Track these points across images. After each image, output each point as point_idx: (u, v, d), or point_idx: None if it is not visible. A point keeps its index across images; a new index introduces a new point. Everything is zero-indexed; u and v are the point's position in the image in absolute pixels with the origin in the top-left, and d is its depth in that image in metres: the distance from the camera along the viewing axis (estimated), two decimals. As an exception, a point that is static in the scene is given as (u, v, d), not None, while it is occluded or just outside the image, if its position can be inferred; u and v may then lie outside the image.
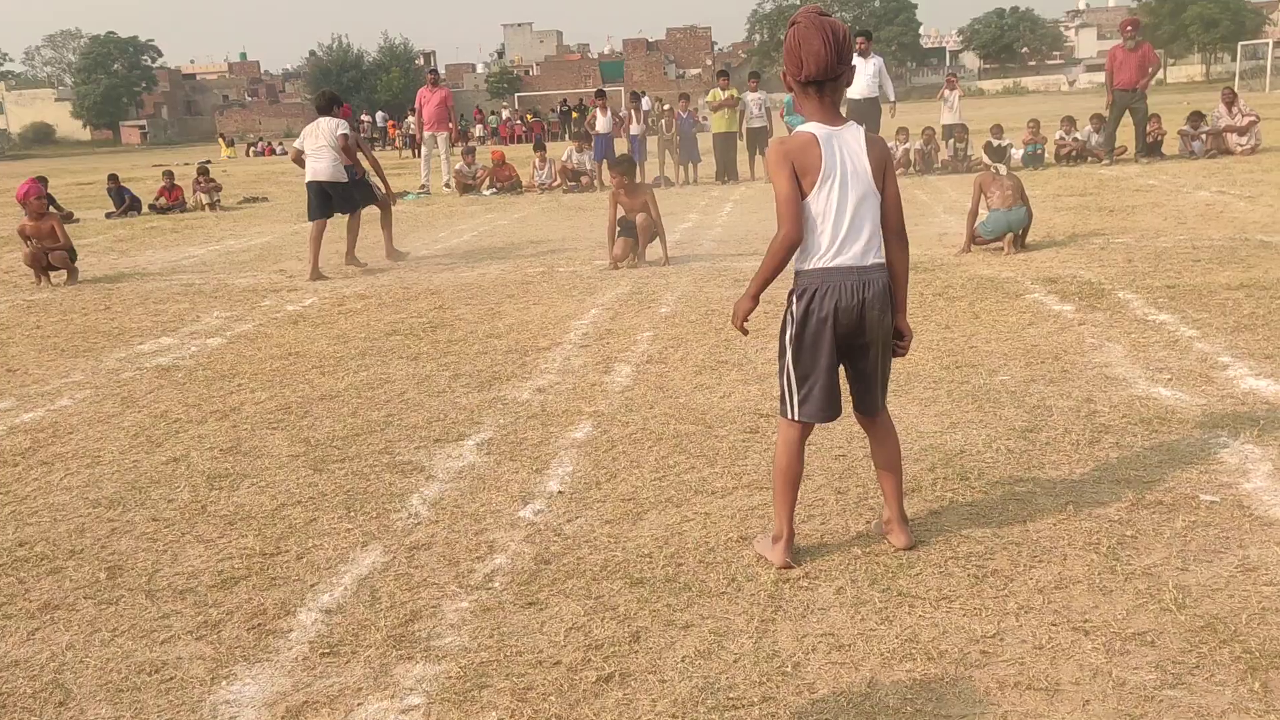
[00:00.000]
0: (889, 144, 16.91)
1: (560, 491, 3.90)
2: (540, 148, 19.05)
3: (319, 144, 9.46)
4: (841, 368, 3.14)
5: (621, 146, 19.33)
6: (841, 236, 2.98)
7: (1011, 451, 4.01)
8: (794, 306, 3.06)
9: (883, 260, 3.05)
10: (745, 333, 3.20)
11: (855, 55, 15.32)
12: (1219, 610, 2.78)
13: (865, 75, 15.30)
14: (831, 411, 3.12)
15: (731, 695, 2.53)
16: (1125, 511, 3.42)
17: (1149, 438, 4.06)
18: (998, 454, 3.99)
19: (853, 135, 3.02)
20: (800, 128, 3.02)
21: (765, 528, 3.44)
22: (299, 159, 9.69)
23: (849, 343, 3.06)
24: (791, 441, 3.16)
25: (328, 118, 9.48)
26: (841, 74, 2.98)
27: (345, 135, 9.42)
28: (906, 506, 3.46)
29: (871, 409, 3.22)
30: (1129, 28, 15.40)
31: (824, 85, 2.97)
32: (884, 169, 3.04)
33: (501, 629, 2.92)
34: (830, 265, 2.99)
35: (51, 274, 10.14)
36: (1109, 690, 2.46)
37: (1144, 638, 2.67)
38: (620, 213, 8.97)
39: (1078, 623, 2.77)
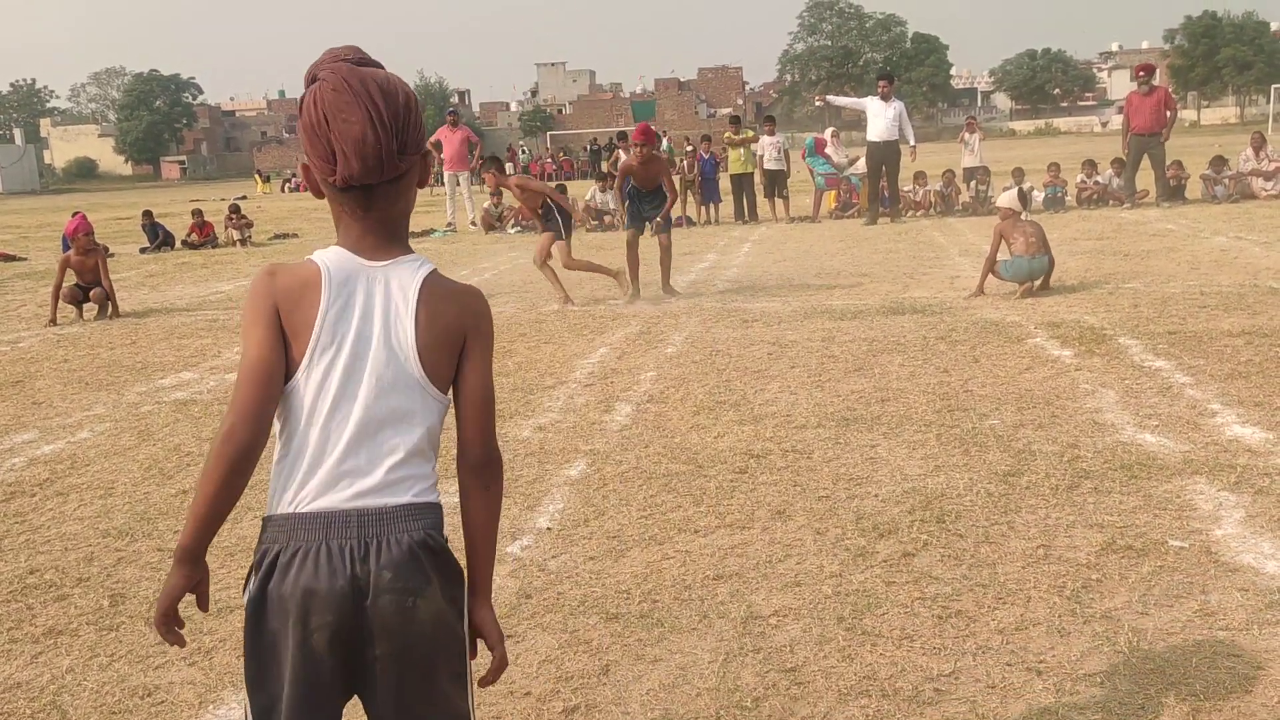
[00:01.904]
0: (907, 188, 17.06)
1: (549, 528, 4.02)
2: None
3: None
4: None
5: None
6: (337, 456, 1.67)
7: (991, 495, 4.10)
8: (250, 585, 1.71)
9: (430, 501, 1.72)
10: (179, 644, 1.86)
11: (877, 98, 15.71)
12: (1171, 654, 2.86)
13: (886, 118, 15.48)
14: None
15: (689, 727, 2.64)
16: (1094, 555, 3.50)
17: (1128, 483, 4.14)
18: (977, 497, 4.08)
19: (403, 281, 1.72)
20: (315, 255, 1.74)
21: (742, 568, 3.55)
22: None
23: (349, 660, 1.67)
24: None
25: None
26: (405, 172, 1.71)
27: None
28: (883, 547, 3.56)
29: None
30: (1142, 73, 15.51)
31: (372, 192, 1.70)
32: (459, 342, 1.75)
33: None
34: (306, 510, 1.66)
35: (84, 306, 10.42)
36: (1053, 729, 2.54)
37: (1094, 679, 2.76)
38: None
39: (1033, 663, 2.85)
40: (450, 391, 1.76)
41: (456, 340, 1.74)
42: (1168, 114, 15.31)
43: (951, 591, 3.30)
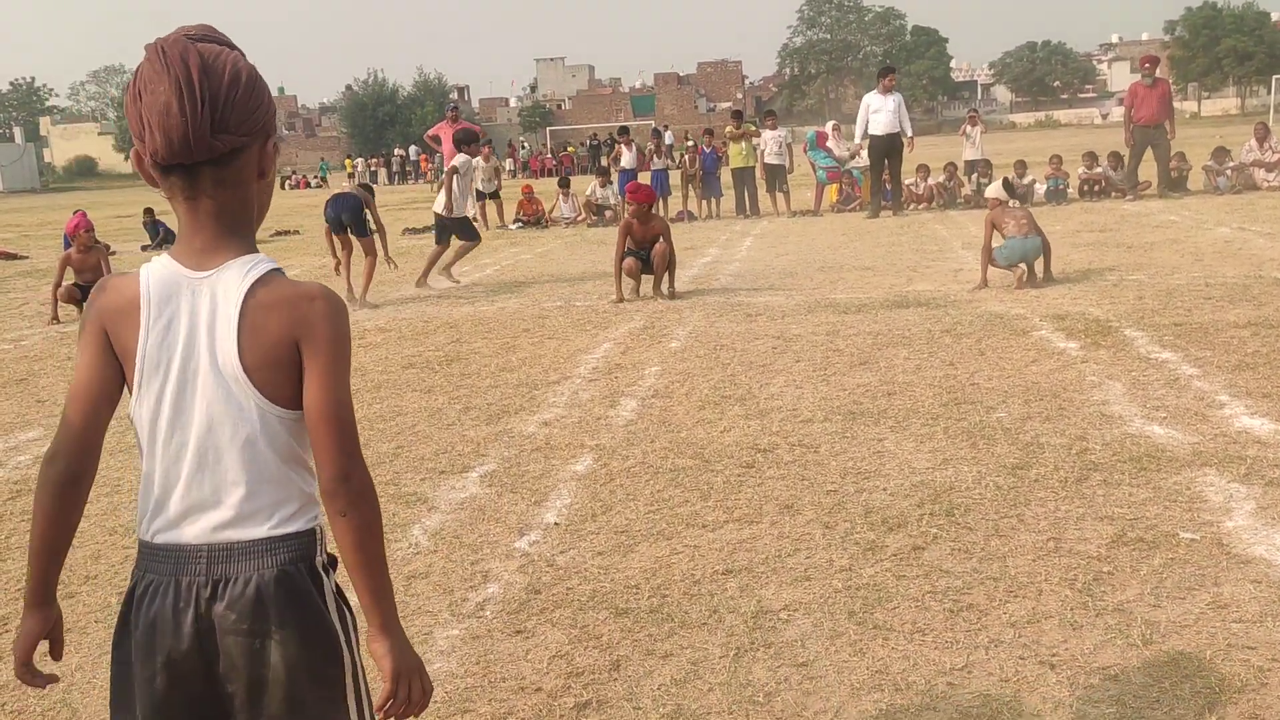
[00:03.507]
0: (909, 181, 17.01)
1: (556, 523, 4.01)
2: (564, 184, 19.29)
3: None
4: None
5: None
6: (180, 489, 1.57)
7: (1000, 488, 4.08)
8: (120, 611, 1.63)
9: (292, 530, 1.58)
10: (45, 685, 1.75)
11: (875, 92, 15.66)
12: (1185, 646, 2.85)
13: (887, 111, 15.45)
14: None
15: (702, 722, 2.63)
16: (1105, 548, 3.49)
17: (1137, 475, 4.12)
18: (986, 490, 4.07)
19: (227, 292, 1.55)
20: (144, 266, 1.59)
21: (751, 562, 3.54)
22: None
23: (204, 694, 1.57)
24: None
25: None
26: (232, 157, 1.54)
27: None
28: (893, 541, 3.55)
29: None
30: (1147, 64, 15.47)
31: (195, 175, 1.54)
32: (293, 355, 1.56)
33: (488, 656, 3.04)
34: (160, 542, 1.58)
35: (83, 305, 10.39)
36: (1067, 722, 2.53)
37: (1108, 672, 2.74)
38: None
39: (1045, 657, 2.84)
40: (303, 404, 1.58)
41: (288, 354, 1.55)
42: (1171, 106, 15.25)
43: (962, 585, 3.29)
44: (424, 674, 1.63)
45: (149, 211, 18.93)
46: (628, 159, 18.61)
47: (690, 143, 19.44)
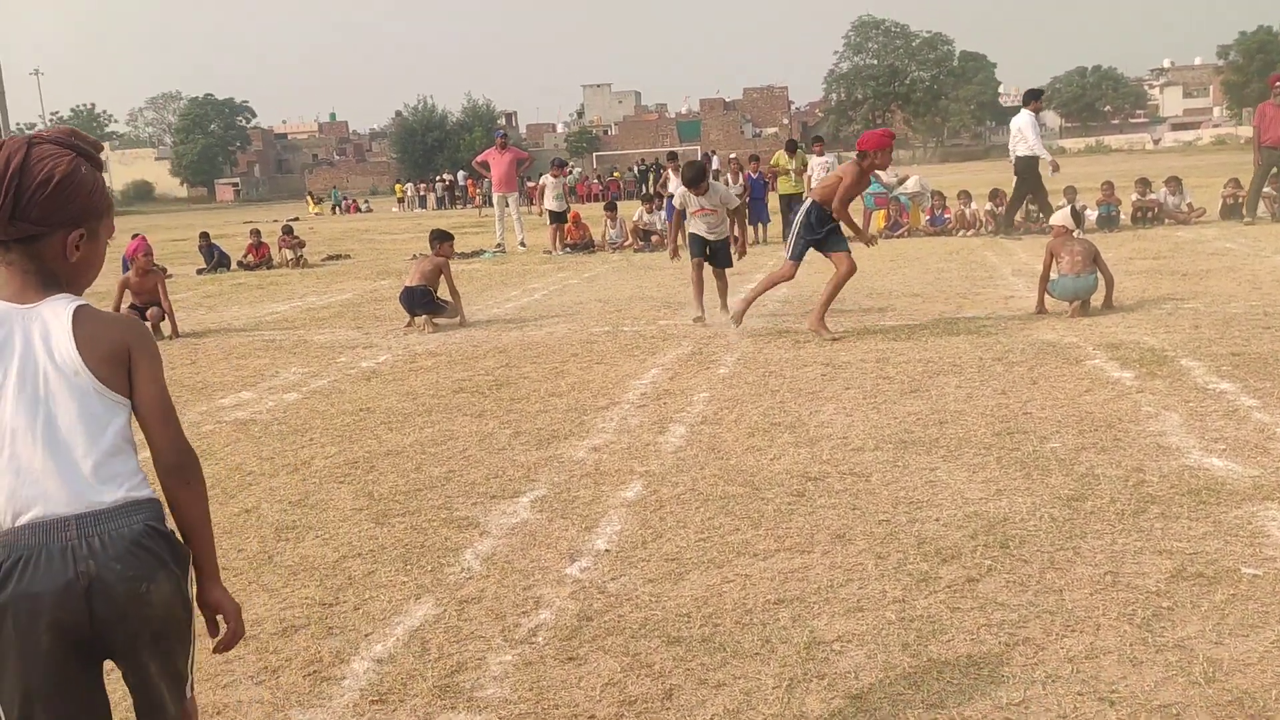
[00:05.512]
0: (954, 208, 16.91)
1: (607, 550, 4.03)
2: (611, 208, 19.40)
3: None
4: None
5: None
6: (36, 475, 1.84)
7: (1055, 520, 4.04)
8: None
9: (144, 496, 1.91)
10: None
11: (1028, 112, 15.27)
12: (1249, 685, 2.79)
13: (1036, 131, 15.31)
14: None
15: (756, 754, 2.62)
16: (1164, 583, 3.43)
17: (1196, 509, 4.06)
18: (1041, 522, 4.02)
19: (56, 312, 1.93)
20: None
21: (804, 592, 3.53)
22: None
23: (86, 648, 1.87)
24: None
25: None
26: (36, 238, 1.92)
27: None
28: (946, 572, 3.52)
29: None
30: (1278, 83, 15.15)
31: (7, 245, 1.92)
32: (125, 357, 1.95)
33: (541, 682, 3.05)
34: (22, 524, 1.83)
35: (143, 328, 10.62)
36: (1129, 761, 2.49)
37: (1170, 710, 2.70)
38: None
39: (1104, 693, 2.80)
40: (130, 397, 1.95)
41: (122, 355, 1.93)
42: None
43: (1018, 618, 3.25)
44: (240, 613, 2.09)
45: (204, 235, 19.30)
46: (674, 184, 18.65)
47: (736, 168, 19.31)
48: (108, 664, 1.95)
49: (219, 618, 2.06)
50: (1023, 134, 15.22)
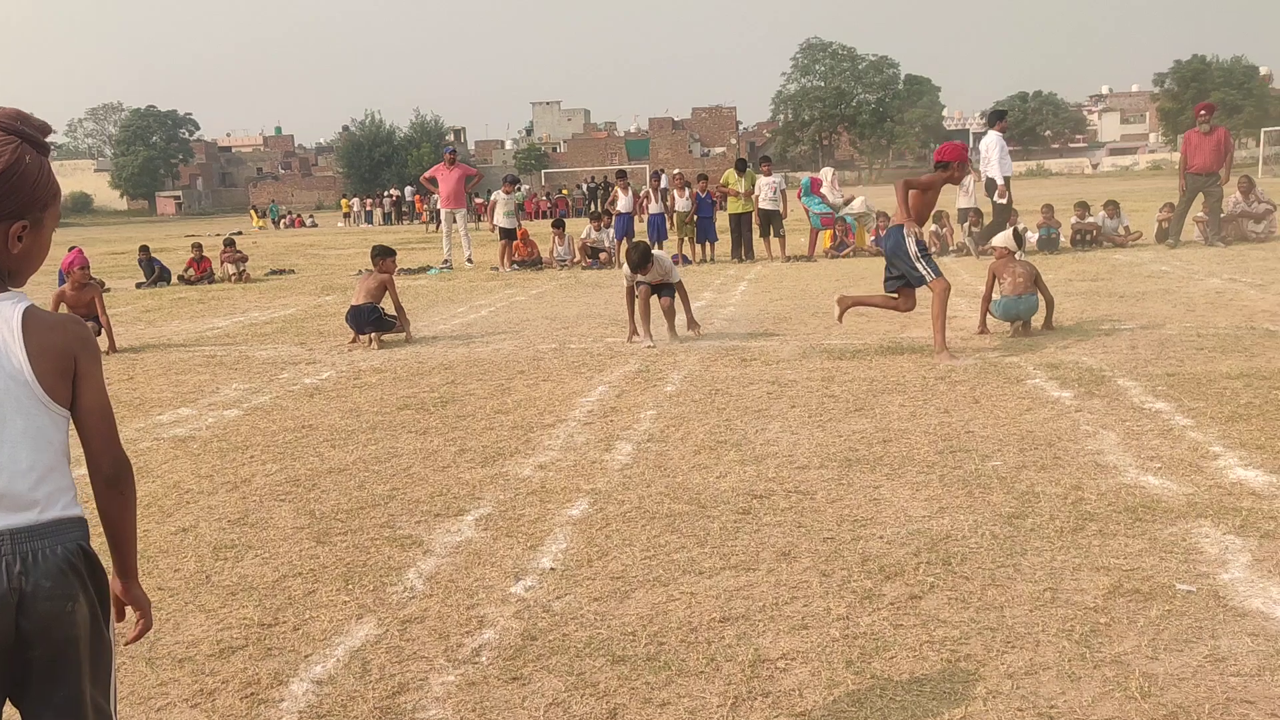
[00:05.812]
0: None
1: (552, 568, 4.00)
2: (559, 225, 19.40)
3: None
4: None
5: (641, 225, 19.73)
6: None
7: (996, 537, 4.08)
8: None
9: (75, 514, 1.90)
10: None
11: (996, 133, 15.50)
12: (1184, 699, 2.84)
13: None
14: None
15: (700, 773, 2.61)
16: (1102, 599, 3.49)
17: (1132, 526, 4.13)
18: (982, 539, 4.07)
19: (5, 315, 1.86)
20: None
21: (749, 610, 3.53)
22: None
23: (11, 665, 1.84)
24: None
25: None
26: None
27: None
28: (890, 589, 3.54)
29: None
30: (1203, 111, 15.56)
31: None
32: (70, 365, 1.90)
33: (484, 703, 3.01)
34: None
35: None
36: (1067, 776, 2.52)
37: (1107, 725, 2.73)
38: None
39: (1044, 708, 2.83)
40: (70, 408, 1.93)
41: (68, 366, 1.90)
42: (1226, 154, 15.24)
43: (960, 635, 3.28)
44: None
45: (144, 249, 18.96)
46: (624, 202, 18.71)
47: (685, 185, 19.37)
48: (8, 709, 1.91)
49: (128, 608, 2.10)
50: (988, 154, 15.55)
